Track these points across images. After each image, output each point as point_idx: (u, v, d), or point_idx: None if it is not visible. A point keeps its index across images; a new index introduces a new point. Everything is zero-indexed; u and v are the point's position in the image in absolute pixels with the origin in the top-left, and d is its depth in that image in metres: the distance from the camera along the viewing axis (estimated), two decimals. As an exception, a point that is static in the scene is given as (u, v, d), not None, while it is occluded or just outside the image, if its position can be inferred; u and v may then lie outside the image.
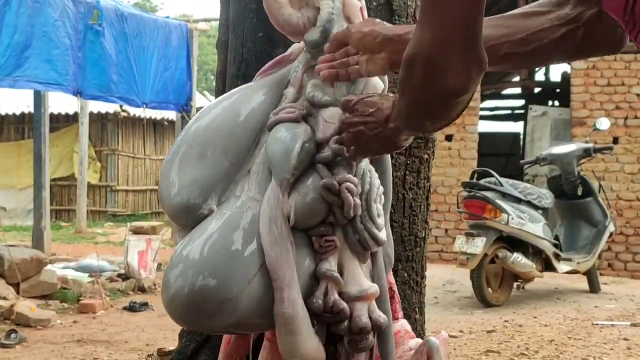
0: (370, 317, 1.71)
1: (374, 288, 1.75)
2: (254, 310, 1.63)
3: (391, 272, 1.93)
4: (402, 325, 1.93)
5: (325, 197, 1.68)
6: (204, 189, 1.72)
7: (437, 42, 1.23)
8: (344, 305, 1.68)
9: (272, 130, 1.74)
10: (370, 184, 1.76)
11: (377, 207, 1.78)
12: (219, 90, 2.69)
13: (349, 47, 1.67)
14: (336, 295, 1.68)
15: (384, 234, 1.79)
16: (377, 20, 1.66)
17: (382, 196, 1.82)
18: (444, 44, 1.23)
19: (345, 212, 1.69)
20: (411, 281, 2.62)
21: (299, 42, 1.88)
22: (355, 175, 1.72)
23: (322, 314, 1.68)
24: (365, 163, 1.76)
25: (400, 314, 1.96)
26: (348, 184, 1.68)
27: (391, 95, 1.61)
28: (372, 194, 1.76)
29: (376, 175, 1.79)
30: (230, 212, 1.70)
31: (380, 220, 1.78)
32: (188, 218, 1.72)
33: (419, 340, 1.87)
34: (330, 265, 1.70)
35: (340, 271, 1.72)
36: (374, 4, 2.48)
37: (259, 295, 1.63)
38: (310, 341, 1.67)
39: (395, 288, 1.94)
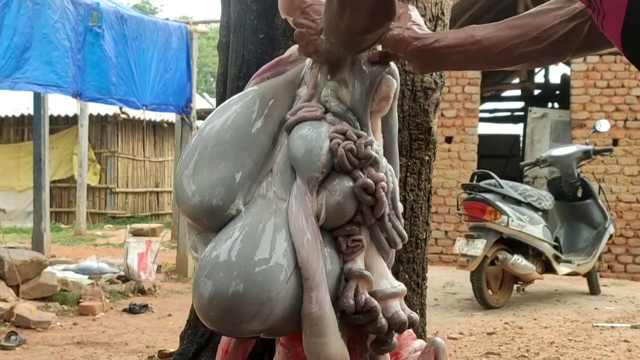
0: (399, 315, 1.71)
1: (403, 285, 1.76)
2: (289, 313, 1.60)
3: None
4: (421, 346, 1.91)
5: (359, 197, 1.67)
6: (230, 189, 1.69)
7: None
8: (375, 303, 1.67)
9: (294, 129, 1.73)
10: (393, 182, 1.77)
11: (400, 205, 1.79)
12: (220, 92, 2.69)
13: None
14: (367, 294, 1.66)
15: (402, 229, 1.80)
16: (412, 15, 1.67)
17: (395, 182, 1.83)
18: None
19: (376, 211, 1.69)
20: (412, 283, 2.61)
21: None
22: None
23: (354, 314, 1.66)
24: (385, 162, 1.76)
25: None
26: (383, 183, 1.69)
27: None
28: (395, 192, 1.77)
29: (394, 173, 1.79)
30: (258, 212, 1.67)
31: (402, 219, 1.79)
32: (212, 220, 1.69)
33: (423, 342, 1.87)
34: (358, 264, 1.69)
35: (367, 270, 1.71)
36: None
37: (295, 298, 1.61)
38: (337, 343, 1.65)
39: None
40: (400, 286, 1.74)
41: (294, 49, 1.93)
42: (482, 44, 1.49)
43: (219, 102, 2.72)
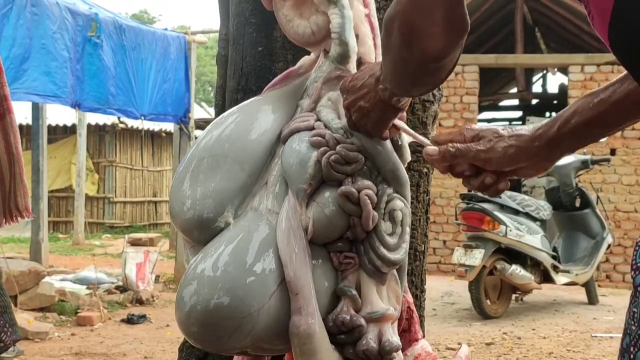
0: (379, 341, 1.61)
1: (390, 310, 1.65)
2: (272, 329, 1.55)
3: (409, 291, 1.86)
4: (423, 347, 1.83)
5: (343, 207, 1.59)
6: (219, 201, 1.64)
7: (415, 6, 1.22)
8: (361, 322, 1.59)
9: (288, 140, 1.69)
10: (379, 198, 1.66)
11: (387, 225, 1.67)
12: (219, 105, 2.69)
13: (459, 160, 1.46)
14: (352, 312, 1.60)
15: (399, 253, 1.69)
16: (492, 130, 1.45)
17: (400, 212, 1.73)
18: (420, 7, 1.22)
19: (363, 223, 1.60)
20: (411, 295, 2.61)
21: (313, 52, 1.86)
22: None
23: (337, 333, 1.60)
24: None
25: (421, 334, 1.86)
26: (368, 191, 1.60)
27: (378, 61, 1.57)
28: (379, 209, 1.65)
29: (388, 189, 1.72)
30: (247, 225, 1.63)
31: (392, 240, 1.67)
32: (202, 232, 1.65)
33: (426, 342, 1.83)
34: (349, 283, 1.63)
35: (358, 291, 1.64)
36: (373, 18, 2.48)
37: (278, 313, 1.56)
38: None
39: (413, 307, 1.85)
40: (386, 311, 1.64)
41: (304, 60, 1.92)
42: (612, 99, 1.36)
43: (217, 115, 2.72)
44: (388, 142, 1.69)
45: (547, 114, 14.77)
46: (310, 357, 1.56)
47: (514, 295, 7.69)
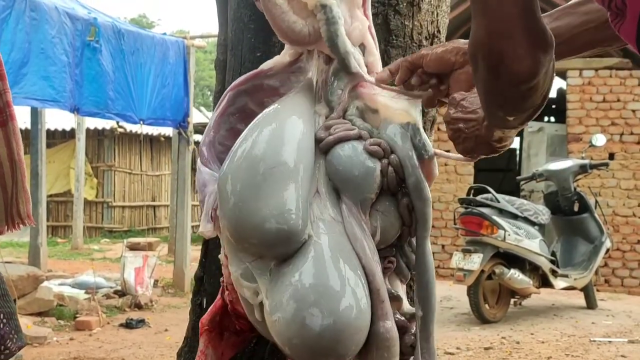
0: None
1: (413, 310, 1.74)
2: (363, 341, 1.58)
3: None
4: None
5: (404, 216, 1.64)
6: (300, 213, 1.59)
7: (493, 33, 1.19)
8: (405, 322, 1.67)
9: (335, 148, 1.65)
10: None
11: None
12: (217, 110, 2.70)
13: (420, 70, 1.66)
14: (398, 314, 1.66)
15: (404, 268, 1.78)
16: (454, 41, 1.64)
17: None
18: (499, 33, 1.19)
19: (412, 232, 1.67)
20: (410, 300, 2.61)
21: (295, 50, 1.85)
22: None
23: None
24: None
25: None
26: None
27: None
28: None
29: None
30: (327, 237, 1.61)
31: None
32: (287, 246, 1.59)
33: None
34: (389, 285, 1.68)
35: None
36: (372, 23, 2.49)
37: (369, 321, 1.58)
38: None
39: None
40: (412, 308, 1.73)
41: (275, 61, 1.90)
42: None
43: (216, 120, 2.72)
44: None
45: (546, 118, 14.78)
46: (395, 358, 1.61)
47: (512, 300, 7.69)
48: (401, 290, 1.74)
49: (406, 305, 1.73)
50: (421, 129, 1.71)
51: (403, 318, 1.68)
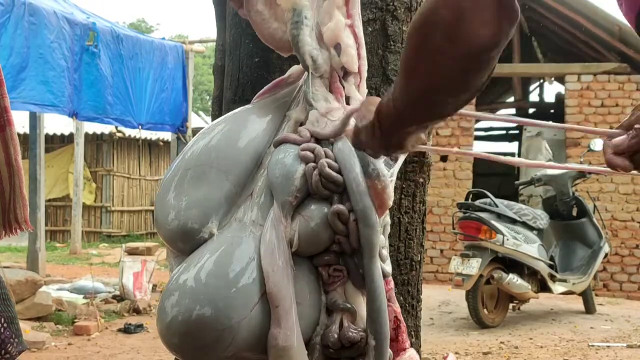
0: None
1: None
2: (254, 341, 1.55)
3: (396, 301, 1.86)
4: (411, 356, 1.80)
5: (332, 224, 1.59)
6: (203, 211, 1.63)
7: None
8: (362, 335, 1.60)
9: (274, 151, 1.68)
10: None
11: (381, 238, 1.69)
12: (215, 115, 2.70)
13: None
14: (353, 328, 1.61)
15: (389, 265, 1.73)
16: None
17: (387, 226, 1.77)
18: None
19: (351, 241, 1.61)
20: (407, 305, 2.61)
21: (287, 56, 1.86)
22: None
23: (339, 348, 1.60)
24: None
25: (408, 343, 1.83)
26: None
27: (372, 97, 1.48)
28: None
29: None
30: (230, 237, 1.62)
31: (386, 252, 1.71)
32: (186, 243, 1.64)
33: (414, 351, 1.83)
34: (340, 296, 1.63)
35: None
36: (369, 29, 2.49)
37: (260, 326, 1.55)
38: None
39: (400, 317, 1.84)
40: None
41: (293, 69, 1.92)
42: None
43: (214, 125, 2.73)
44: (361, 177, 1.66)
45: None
46: None
47: (511, 305, 7.68)
48: (361, 302, 1.66)
49: (362, 322, 1.65)
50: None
51: (357, 332, 1.61)
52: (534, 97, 15.79)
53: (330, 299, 1.63)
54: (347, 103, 1.78)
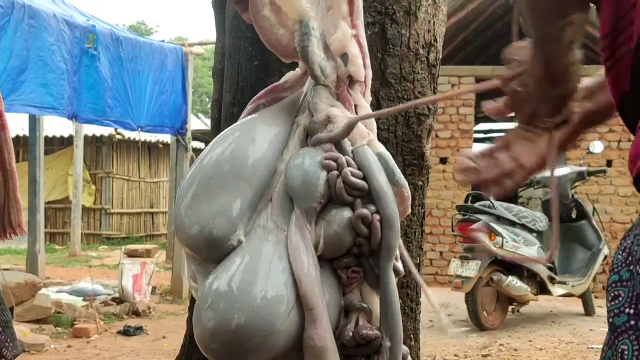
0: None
1: None
2: (290, 344, 1.59)
3: None
4: None
5: (356, 228, 1.65)
6: (231, 219, 1.66)
7: None
8: (378, 333, 1.66)
9: (291, 158, 1.72)
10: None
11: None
12: (215, 118, 2.71)
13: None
14: (367, 325, 1.66)
15: (400, 264, 1.78)
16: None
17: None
18: None
19: (372, 243, 1.66)
20: (406, 308, 2.62)
21: (289, 62, 1.88)
22: None
23: (355, 346, 1.64)
24: None
25: None
26: (378, 216, 1.67)
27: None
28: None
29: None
30: (259, 243, 1.65)
31: (397, 251, 1.76)
32: (213, 251, 1.66)
33: None
34: (357, 297, 1.68)
35: None
36: (368, 32, 2.50)
37: (296, 328, 1.59)
38: None
39: None
40: None
41: (289, 75, 1.93)
42: None
43: (213, 128, 2.74)
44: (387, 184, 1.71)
45: (544, 125, 14.79)
46: None
47: (510, 307, 7.68)
48: (376, 301, 1.72)
49: (378, 321, 1.71)
50: (391, 159, 1.75)
51: (374, 331, 1.66)
52: (533, 99, 15.80)
53: (347, 299, 1.67)
54: (356, 111, 1.80)
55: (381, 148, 1.79)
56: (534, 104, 1.41)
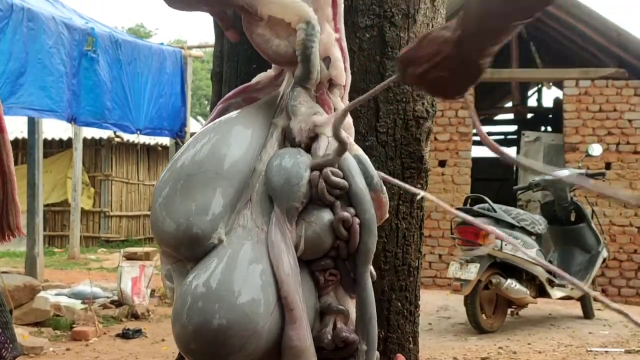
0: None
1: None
2: (270, 344, 1.58)
3: None
4: None
5: (337, 230, 1.65)
6: (213, 217, 1.65)
7: None
8: (355, 337, 1.66)
9: (272, 157, 1.72)
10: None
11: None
12: (214, 121, 2.71)
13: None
14: (345, 328, 1.66)
15: (372, 268, 1.77)
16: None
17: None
18: None
19: (350, 247, 1.67)
20: (405, 311, 2.62)
21: (287, 70, 1.88)
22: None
23: (333, 349, 1.64)
24: None
25: None
26: (357, 218, 1.67)
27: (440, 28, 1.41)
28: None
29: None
30: (239, 242, 1.65)
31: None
32: (193, 249, 1.65)
33: None
34: (333, 299, 1.68)
35: None
36: (367, 35, 2.50)
37: (276, 328, 1.58)
38: None
39: None
40: None
41: (261, 76, 1.94)
42: None
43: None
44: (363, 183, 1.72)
45: (543, 128, 14.80)
46: None
47: (509, 310, 7.68)
48: (350, 305, 1.72)
49: (353, 323, 1.71)
50: (370, 163, 1.75)
51: (352, 334, 1.66)
52: (532, 102, 15.81)
53: (323, 302, 1.67)
54: None
55: (359, 151, 1.79)
56: (451, 69, 1.38)
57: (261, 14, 1.76)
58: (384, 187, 1.75)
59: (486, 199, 7.55)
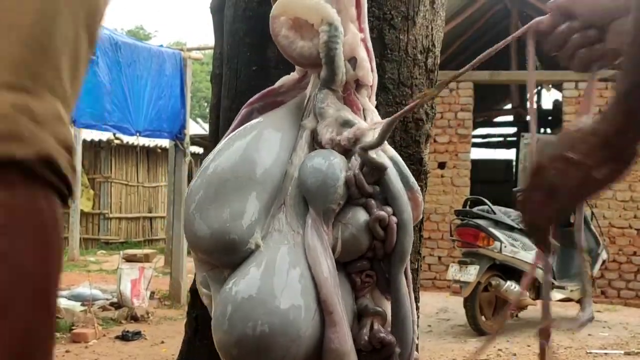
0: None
1: None
2: (311, 349, 1.57)
3: None
4: None
5: (373, 229, 1.63)
6: (248, 222, 1.63)
7: None
8: (392, 338, 1.64)
9: (305, 159, 1.71)
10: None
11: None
12: (213, 124, 2.71)
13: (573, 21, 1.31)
14: (383, 330, 1.64)
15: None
16: None
17: None
18: None
19: (387, 247, 1.65)
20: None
21: (313, 72, 1.87)
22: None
23: (370, 351, 1.63)
24: None
25: None
26: (395, 218, 1.65)
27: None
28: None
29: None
30: (276, 247, 1.63)
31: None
32: (230, 255, 1.62)
33: None
34: (370, 301, 1.67)
35: None
36: (367, 37, 2.50)
37: (317, 332, 1.57)
38: None
39: None
40: None
41: (285, 79, 1.93)
42: None
43: (212, 134, 2.74)
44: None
45: (542, 130, 14.81)
46: None
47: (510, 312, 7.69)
48: (387, 306, 1.72)
49: (390, 325, 1.70)
50: (404, 164, 1.75)
51: (389, 336, 1.65)
52: (531, 104, 15.81)
53: (360, 304, 1.66)
54: (364, 115, 1.80)
55: (393, 152, 1.78)
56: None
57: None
58: (419, 187, 1.75)
59: (486, 201, 7.56)
